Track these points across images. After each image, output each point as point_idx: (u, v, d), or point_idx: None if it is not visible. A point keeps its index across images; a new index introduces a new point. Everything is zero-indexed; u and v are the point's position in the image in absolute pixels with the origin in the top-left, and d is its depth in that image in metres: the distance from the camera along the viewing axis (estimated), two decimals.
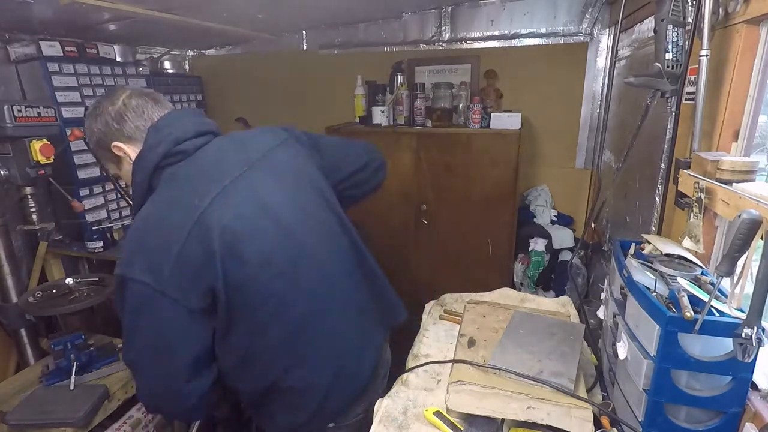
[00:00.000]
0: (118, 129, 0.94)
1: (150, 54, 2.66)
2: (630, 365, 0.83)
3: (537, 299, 1.38)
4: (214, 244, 0.82)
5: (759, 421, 0.72)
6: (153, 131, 0.93)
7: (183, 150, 0.91)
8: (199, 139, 0.94)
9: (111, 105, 0.94)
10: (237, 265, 0.85)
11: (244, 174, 0.92)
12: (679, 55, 1.00)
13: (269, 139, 1.05)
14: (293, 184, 1.00)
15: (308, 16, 2.39)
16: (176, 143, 0.91)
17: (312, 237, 0.98)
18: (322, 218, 1.03)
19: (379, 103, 2.29)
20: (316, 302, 0.97)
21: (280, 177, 0.98)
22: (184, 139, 0.92)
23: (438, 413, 0.92)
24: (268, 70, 2.80)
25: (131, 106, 0.94)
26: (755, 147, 0.94)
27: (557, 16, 2.24)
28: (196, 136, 0.94)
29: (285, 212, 0.94)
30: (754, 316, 0.65)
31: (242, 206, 0.88)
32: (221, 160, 0.94)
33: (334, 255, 1.03)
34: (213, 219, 0.83)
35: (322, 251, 1.00)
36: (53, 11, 1.61)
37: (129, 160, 0.95)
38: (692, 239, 0.91)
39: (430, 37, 2.47)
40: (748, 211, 0.65)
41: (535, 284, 2.29)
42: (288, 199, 0.96)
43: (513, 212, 2.18)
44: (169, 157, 0.90)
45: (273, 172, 0.97)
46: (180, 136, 0.91)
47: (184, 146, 0.92)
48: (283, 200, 0.95)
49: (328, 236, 1.03)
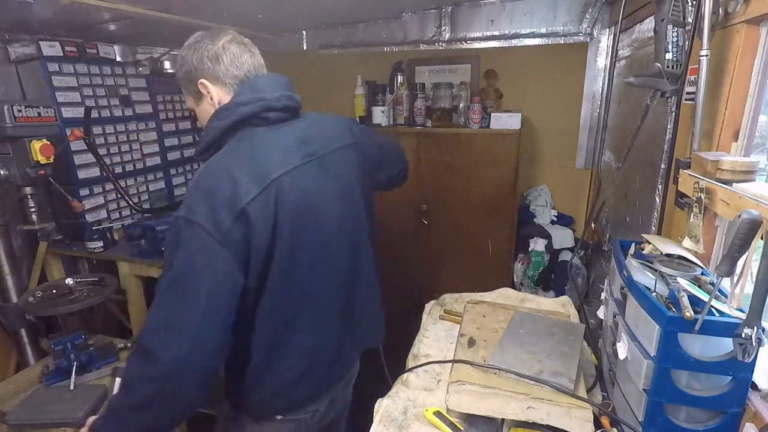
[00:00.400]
0: (210, 68, 0.96)
1: (150, 54, 2.66)
2: (630, 365, 0.83)
3: (537, 299, 1.38)
4: (277, 212, 0.87)
5: (759, 421, 0.72)
6: (248, 88, 0.96)
7: (267, 117, 0.95)
8: (283, 114, 0.98)
9: (211, 43, 0.96)
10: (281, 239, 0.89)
11: (310, 163, 0.97)
12: (679, 55, 1.00)
13: (339, 136, 1.09)
14: (341, 188, 1.04)
15: (308, 16, 2.39)
16: (264, 110, 0.94)
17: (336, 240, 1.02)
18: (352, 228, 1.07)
19: (379, 103, 2.29)
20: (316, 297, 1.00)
21: (334, 179, 1.02)
22: (272, 109, 0.95)
23: (438, 413, 0.92)
24: (268, 70, 2.79)
25: (230, 51, 0.96)
26: (755, 147, 0.94)
27: (557, 16, 2.24)
28: (282, 111, 0.97)
29: (332, 213, 1.00)
30: (754, 316, 0.65)
31: (300, 192, 0.92)
32: (296, 142, 0.97)
33: (349, 262, 1.07)
34: (274, 193, 0.87)
35: (342, 255, 1.05)
36: (53, 11, 1.61)
37: (210, 100, 0.98)
38: (692, 239, 0.91)
39: (430, 37, 2.47)
40: (748, 211, 0.65)
41: (535, 284, 2.29)
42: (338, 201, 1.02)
43: (513, 212, 2.18)
44: (252, 118, 0.93)
45: (331, 173, 1.02)
46: (270, 104, 0.95)
47: (270, 115, 0.95)
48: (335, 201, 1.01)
49: (351, 243, 1.07)
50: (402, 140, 2.22)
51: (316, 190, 0.96)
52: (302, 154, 0.96)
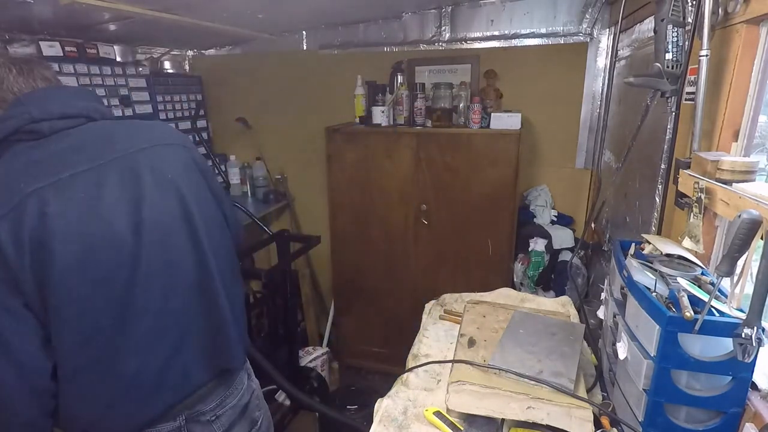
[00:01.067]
0: None
1: (150, 54, 2.66)
2: (630, 365, 0.83)
3: (537, 299, 1.38)
4: (24, 234, 0.76)
5: (759, 421, 0.72)
6: (15, 104, 0.87)
7: (36, 130, 0.84)
8: (61, 122, 0.87)
9: None
10: (44, 263, 0.78)
11: (93, 169, 0.85)
12: (679, 55, 1.00)
13: (151, 137, 0.96)
14: (150, 191, 0.90)
15: (308, 16, 2.39)
16: (30, 122, 0.84)
17: (148, 249, 0.89)
18: (170, 231, 0.93)
19: (379, 103, 2.29)
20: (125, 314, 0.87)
21: (137, 180, 0.89)
22: (41, 119, 0.85)
23: (438, 413, 0.92)
24: (268, 70, 2.79)
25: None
26: (755, 147, 0.94)
27: (557, 16, 2.24)
28: (59, 118, 0.87)
29: (121, 219, 0.86)
30: (754, 316, 0.65)
31: (69, 204, 0.81)
32: (77, 149, 0.86)
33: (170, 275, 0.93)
34: (31, 208, 0.77)
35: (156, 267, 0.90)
36: (53, 11, 1.61)
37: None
38: (692, 239, 0.91)
39: (430, 37, 2.47)
40: (748, 211, 0.65)
41: (535, 284, 2.29)
42: (131, 207, 0.87)
43: (513, 212, 2.18)
44: (18, 134, 0.84)
45: (131, 175, 0.88)
46: (37, 115, 0.84)
47: (39, 126, 0.85)
48: (124, 207, 0.87)
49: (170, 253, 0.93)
50: (402, 140, 2.23)
51: (106, 199, 0.84)
52: (83, 160, 0.84)
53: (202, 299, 0.98)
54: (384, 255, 2.45)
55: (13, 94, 0.89)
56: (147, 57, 2.64)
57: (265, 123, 2.87)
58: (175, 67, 2.84)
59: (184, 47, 2.88)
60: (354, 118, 2.44)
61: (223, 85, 2.89)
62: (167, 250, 0.92)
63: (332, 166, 2.39)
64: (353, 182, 2.38)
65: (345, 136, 2.33)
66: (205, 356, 1.00)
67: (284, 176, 2.92)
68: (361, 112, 2.40)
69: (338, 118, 2.54)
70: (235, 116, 2.83)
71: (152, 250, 0.89)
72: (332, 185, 2.43)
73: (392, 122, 2.30)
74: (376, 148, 2.28)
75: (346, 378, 2.65)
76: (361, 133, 2.31)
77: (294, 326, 2.46)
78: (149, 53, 2.66)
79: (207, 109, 2.84)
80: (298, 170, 2.93)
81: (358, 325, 2.64)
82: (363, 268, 2.51)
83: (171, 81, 2.60)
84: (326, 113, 2.61)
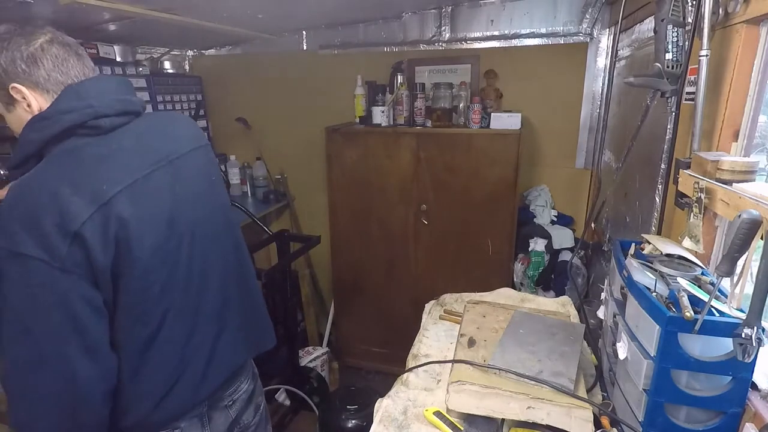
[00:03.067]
0: (25, 71, 0.83)
1: (150, 54, 2.66)
2: (630, 365, 0.83)
3: (537, 299, 1.38)
4: (120, 232, 0.79)
5: (759, 421, 0.72)
6: (72, 95, 0.83)
7: (98, 126, 0.83)
8: (120, 119, 0.87)
9: (25, 43, 0.83)
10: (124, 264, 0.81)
11: (158, 170, 0.88)
12: (679, 55, 1.00)
13: (191, 134, 1.01)
14: (198, 193, 0.96)
15: (308, 16, 2.39)
16: (94, 117, 0.82)
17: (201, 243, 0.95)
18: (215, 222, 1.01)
19: (379, 103, 2.29)
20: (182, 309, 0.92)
21: (191, 182, 0.95)
22: (104, 116, 0.83)
23: (438, 413, 0.92)
24: (268, 70, 2.79)
25: (51, 53, 0.84)
26: (755, 147, 0.94)
27: (557, 16, 2.24)
28: (118, 115, 0.86)
29: (180, 218, 0.90)
30: (754, 316, 0.65)
31: (144, 206, 0.83)
32: (138, 148, 0.88)
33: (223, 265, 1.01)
34: (115, 210, 0.78)
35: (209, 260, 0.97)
36: (53, 11, 1.61)
37: (26, 107, 0.85)
38: (692, 239, 0.91)
39: (430, 37, 2.47)
40: (748, 211, 0.65)
41: (535, 284, 2.29)
42: (187, 206, 0.93)
43: (513, 212, 2.18)
44: (78, 128, 0.82)
45: (186, 175, 0.94)
46: (100, 111, 0.83)
47: (101, 122, 0.83)
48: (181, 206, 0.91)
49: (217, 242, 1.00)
50: (402, 140, 2.23)
51: (169, 199, 0.88)
52: (147, 162, 0.87)
53: (241, 281, 1.07)
54: (384, 255, 2.45)
55: (71, 80, 0.86)
56: (147, 57, 2.64)
57: (265, 123, 2.87)
58: (175, 67, 2.84)
59: (184, 47, 2.88)
60: (354, 118, 2.44)
61: (223, 85, 2.89)
62: (215, 240, 1.00)
63: (332, 166, 2.39)
64: (353, 182, 2.38)
65: (345, 136, 2.33)
66: (244, 336, 1.07)
67: (284, 176, 2.92)
68: (361, 112, 2.40)
69: (338, 118, 2.54)
70: (235, 116, 2.83)
71: (205, 243, 0.96)
72: (332, 185, 2.43)
73: (392, 122, 2.30)
74: (376, 148, 2.29)
75: (346, 378, 2.65)
76: (361, 133, 2.31)
77: (294, 326, 2.46)
78: (149, 53, 2.66)
79: (207, 109, 2.84)
80: (298, 170, 2.93)
81: (358, 325, 2.64)
82: (363, 268, 2.51)
83: (171, 81, 2.59)
84: (326, 113, 2.61)
